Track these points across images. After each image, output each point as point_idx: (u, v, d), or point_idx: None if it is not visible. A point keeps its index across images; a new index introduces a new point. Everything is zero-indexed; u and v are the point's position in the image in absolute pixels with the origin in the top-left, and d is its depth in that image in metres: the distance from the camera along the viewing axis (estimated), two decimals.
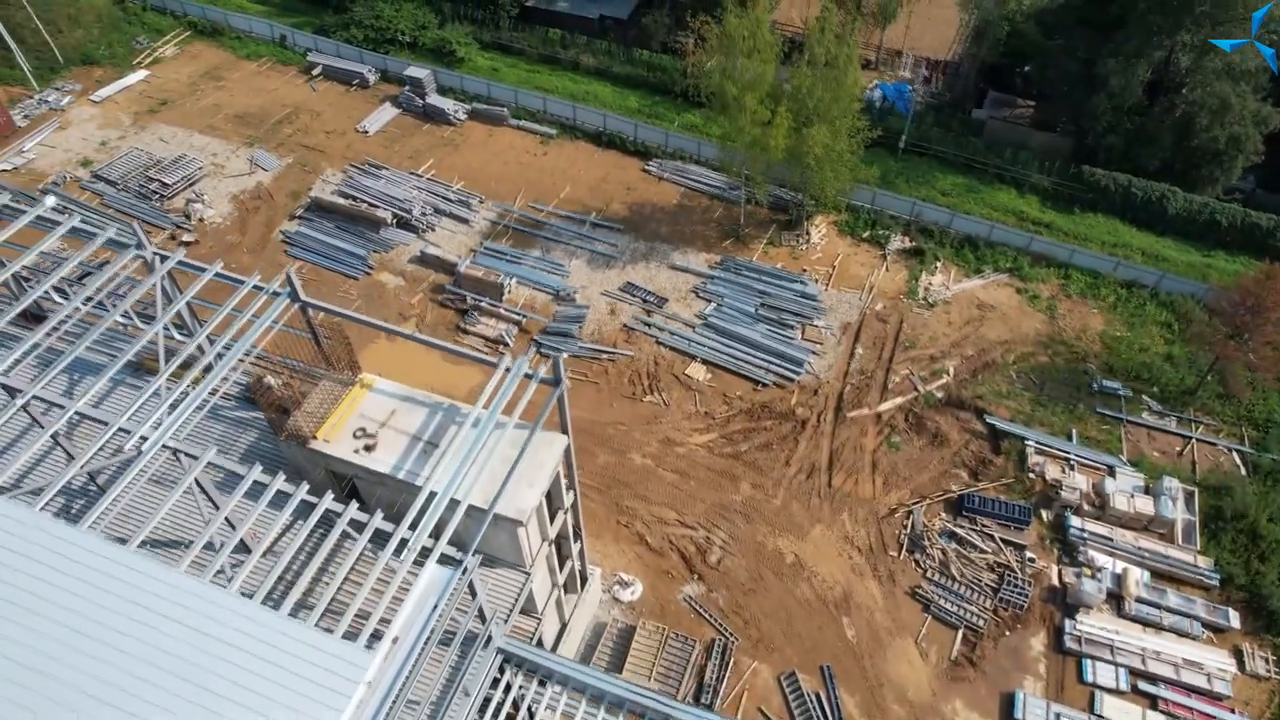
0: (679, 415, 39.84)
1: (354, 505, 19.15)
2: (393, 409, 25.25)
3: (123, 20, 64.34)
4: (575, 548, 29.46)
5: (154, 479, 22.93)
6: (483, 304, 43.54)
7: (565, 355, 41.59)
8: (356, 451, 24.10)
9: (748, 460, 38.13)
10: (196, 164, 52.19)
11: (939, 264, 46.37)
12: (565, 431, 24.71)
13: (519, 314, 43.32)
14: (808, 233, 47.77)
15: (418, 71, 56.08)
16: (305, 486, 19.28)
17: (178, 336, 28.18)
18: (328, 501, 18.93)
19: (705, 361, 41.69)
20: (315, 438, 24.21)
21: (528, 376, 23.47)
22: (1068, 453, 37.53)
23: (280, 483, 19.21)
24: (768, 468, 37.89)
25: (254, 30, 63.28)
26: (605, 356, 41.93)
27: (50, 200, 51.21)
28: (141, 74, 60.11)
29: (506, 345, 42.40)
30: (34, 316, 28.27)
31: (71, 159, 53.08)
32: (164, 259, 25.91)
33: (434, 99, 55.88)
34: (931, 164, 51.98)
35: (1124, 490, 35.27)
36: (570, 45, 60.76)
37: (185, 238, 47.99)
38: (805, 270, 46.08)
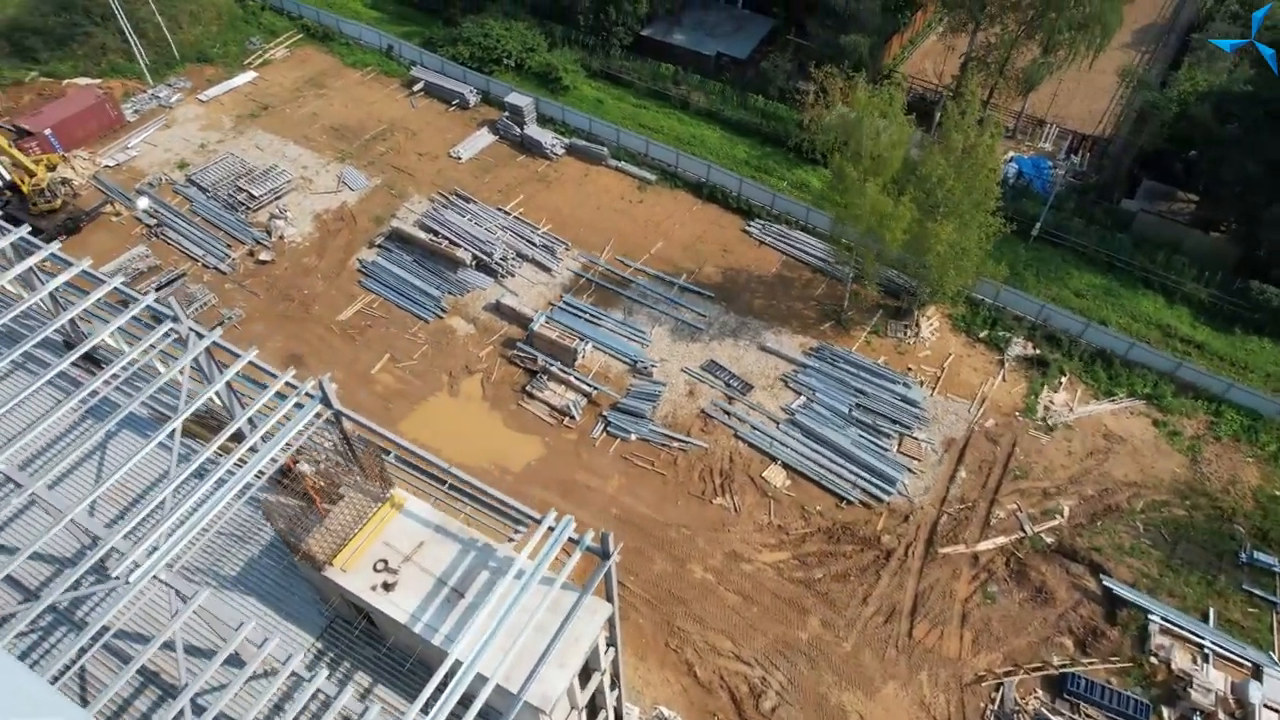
0: (750, 525, 35.90)
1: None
2: (421, 540, 22.25)
3: (241, 19, 64.12)
4: (611, 697, 26.12)
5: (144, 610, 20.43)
6: (553, 368, 40.51)
7: (633, 436, 38.54)
8: (374, 589, 21.22)
9: (820, 590, 33.91)
10: (285, 177, 50.97)
11: (1064, 379, 40.89)
12: (610, 599, 21.31)
13: (590, 384, 40.10)
14: (917, 324, 42.94)
15: (519, 99, 53.51)
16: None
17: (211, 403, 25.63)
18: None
19: (786, 465, 37.59)
20: (331, 565, 21.47)
21: (573, 541, 20.22)
22: (1202, 638, 31.93)
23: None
24: (842, 603, 33.59)
25: (363, 38, 62.03)
26: (676, 445, 38.29)
27: (143, 202, 51.07)
28: (250, 75, 59.56)
29: (573, 418, 39.25)
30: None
31: (170, 160, 52.64)
32: (200, 336, 23.52)
33: (532, 129, 53.22)
34: (1067, 257, 46.28)
35: (1275, 701, 29.56)
36: (682, 82, 57.20)
37: (263, 256, 46.64)
38: (910, 370, 41.32)
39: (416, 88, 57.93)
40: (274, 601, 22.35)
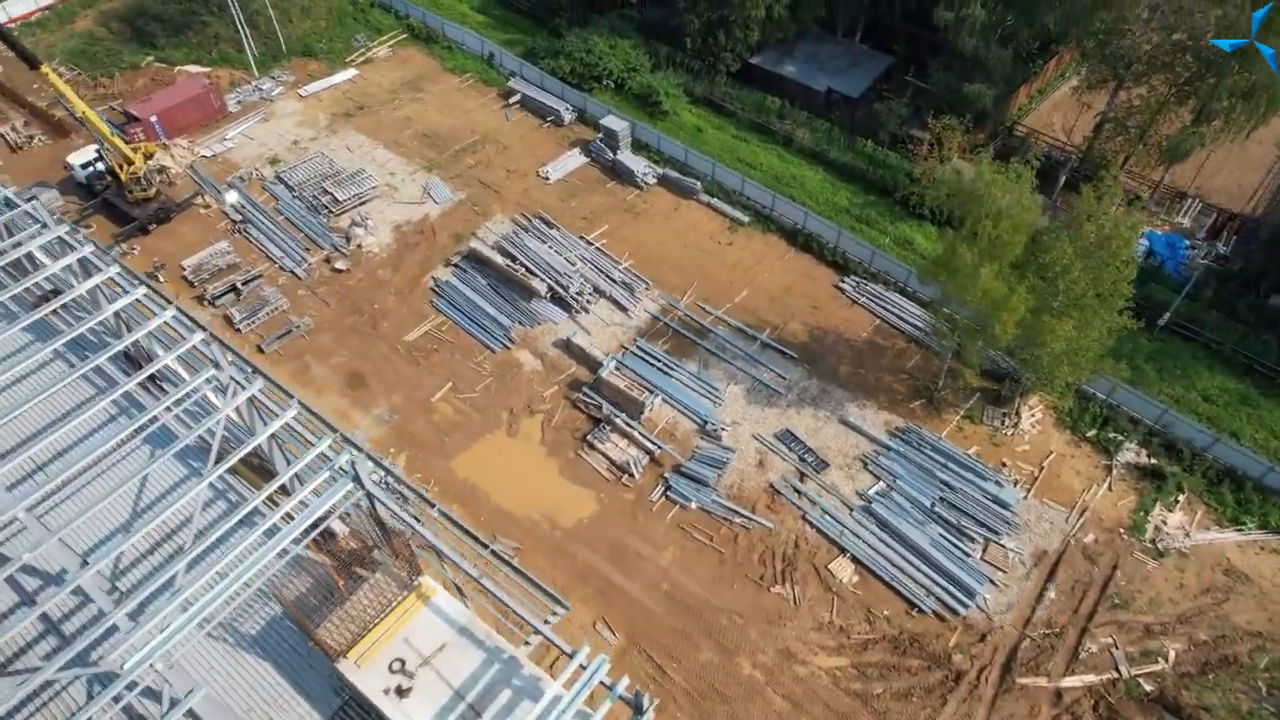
0: (808, 622, 32.98)
1: None
2: (443, 642, 20.37)
3: (350, 15, 64.03)
4: None
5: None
6: (618, 419, 38.32)
7: (694, 505, 36.01)
8: (387, 692, 19.48)
9: (878, 709, 30.77)
10: (371, 183, 50.20)
11: (1182, 498, 36.48)
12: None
13: (654, 442, 37.75)
14: (1017, 414, 39.07)
15: (615, 122, 51.44)
16: None
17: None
18: None
19: (855, 559, 34.48)
20: (345, 657, 19.78)
21: (605, 686, 17.96)
22: None
23: None
24: None
25: (465, 43, 61.04)
26: (739, 520, 35.61)
27: (232, 196, 51.00)
28: (350, 73, 59.27)
29: (632, 476, 36.99)
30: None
31: (263, 155, 52.59)
32: (241, 386, 22.12)
33: (625, 155, 51.10)
34: (1198, 354, 41.54)
35: None
36: (787, 116, 54.15)
37: (339, 264, 45.90)
38: (1004, 466, 37.54)
39: (513, 100, 56.54)
40: (290, 671, 20.82)
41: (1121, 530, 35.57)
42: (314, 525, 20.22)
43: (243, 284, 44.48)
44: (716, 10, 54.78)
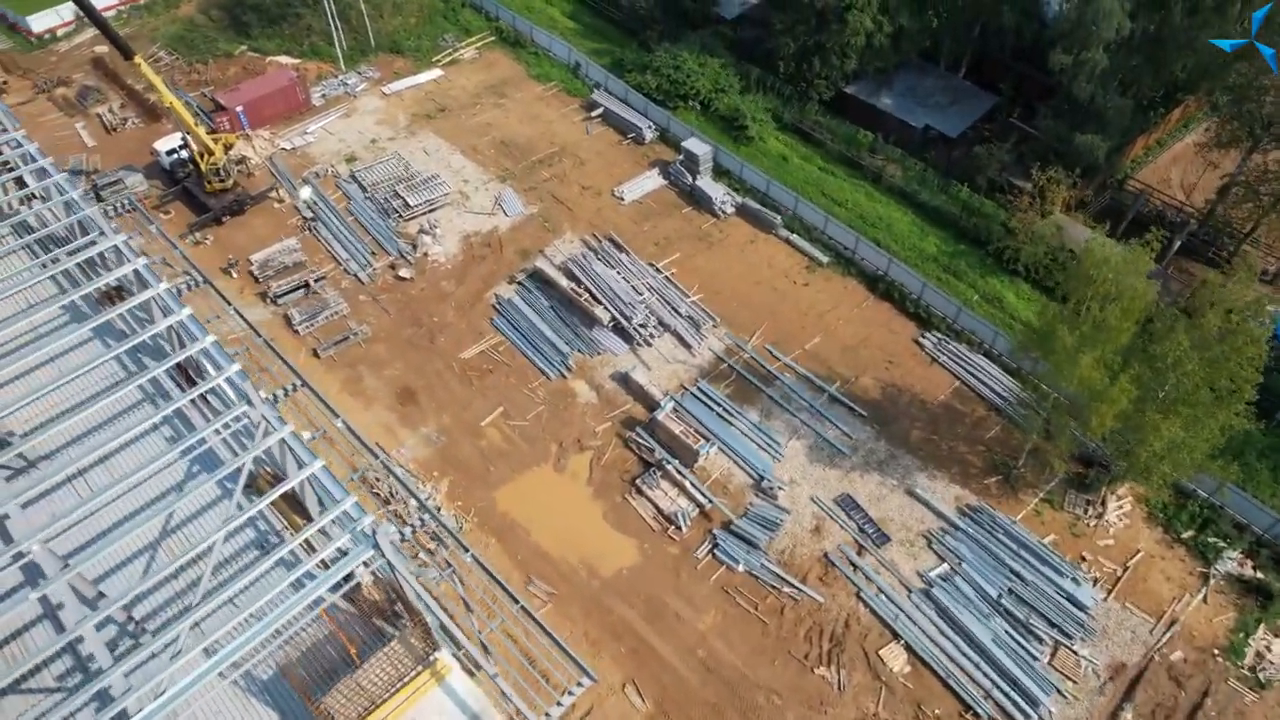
0: (852, 711, 30.58)
1: None
2: None
3: (441, 14, 63.58)
4: None
5: None
6: (669, 466, 36.46)
7: (741, 567, 33.91)
8: None
9: None
10: (444, 189, 49.37)
11: None
12: None
13: (706, 494, 35.76)
14: (1103, 503, 35.78)
15: (698, 146, 49.46)
16: None
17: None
18: None
19: (909, 647, 31.90)
20: None
21: None
22: None
23: None
24: None
25: (552, 50, 59.88)
26: (788, 590, 33.37)
27: (305, 192, 50.74)
28: (435, 73, 58.74)
29: (679, 529, 35.09)
30: None
31: (340, 152, 52.37)
32: (271, 428, 20.99)
33: (704, 181, 49.09)
34: None
35: None
36: (879, 152, 51.36)
37: (403, 272, 45.15)
38: (1084, 560, 34.36)
39: (595, 113, 55.11)
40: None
41: (1216, 651, 32.07)
42: (337, 584, 19.08)
43: (305, 284, 44.13)
44: (813, 35, 52.33)
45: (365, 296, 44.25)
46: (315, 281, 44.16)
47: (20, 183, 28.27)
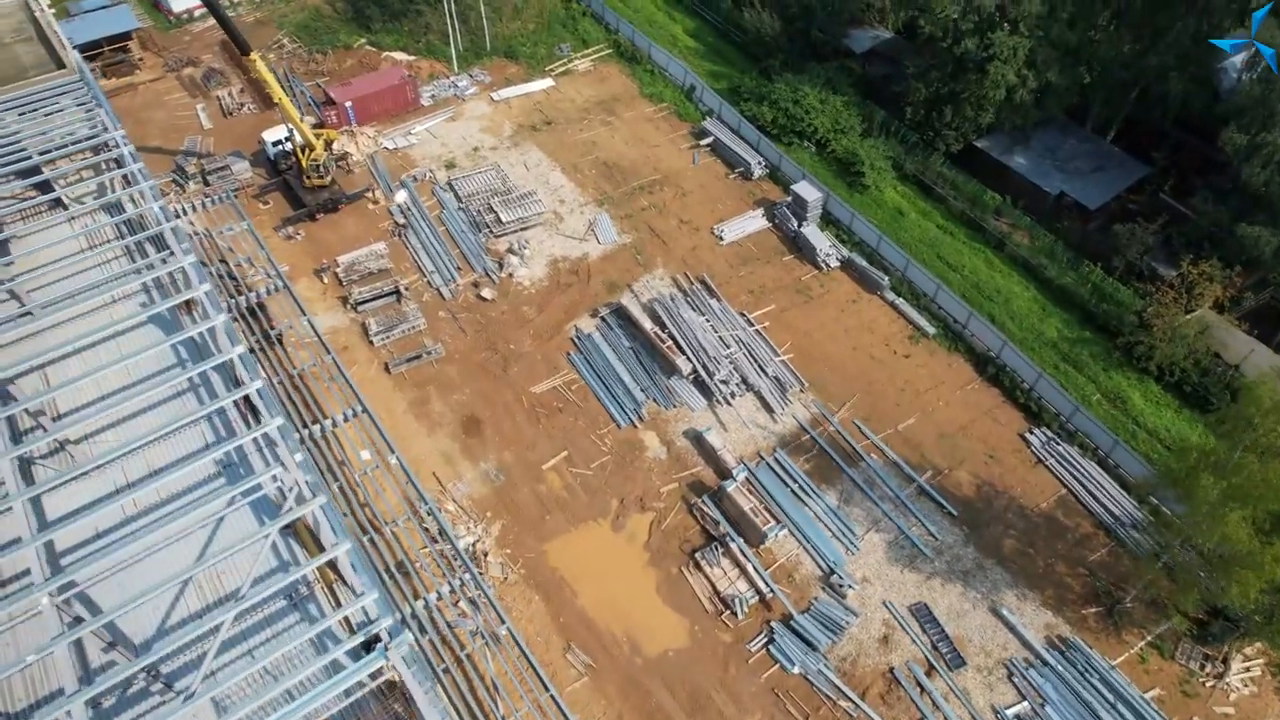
0: None
1: None
2: None
3: (561, 21, 62.24)
4: None
5: None
6: (733, 544, 33.94)
7: (796, 669, 31.15)
8: None
9: None
10: (539, 208, 47.89)
11: None
12: None
13: (767, 581, 33.08)
14: (1225, 660, 31.39)
15: (808, 191, 46.43)
16: None
17: None
18: None
19: None
20: None
21: None
22: None
23: None
24: None
25: (669, 70, 57.67)
26: (844, 704, 30.45)
27: (401, 196, 50.13)
28: (547, 83, 57.41)
29: (734, 615, 32.57)
30: None
31: (441, 157, 51.59)
32: (300, 500, 19.46)
33: (810, 230, 46.07)
34: None
35: None
36: (1005, 215, 47.26)
37: (485, 292, 43.88)
38: None
39: (704, 141, 52.68)
40: None
41: None
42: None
43: (387, 294, 43.39)
44: (948, 83, 48.52)
45: (444, 313, 43.19)
46: (403, 290, 43.33)
47: (123, 181, 27.78)
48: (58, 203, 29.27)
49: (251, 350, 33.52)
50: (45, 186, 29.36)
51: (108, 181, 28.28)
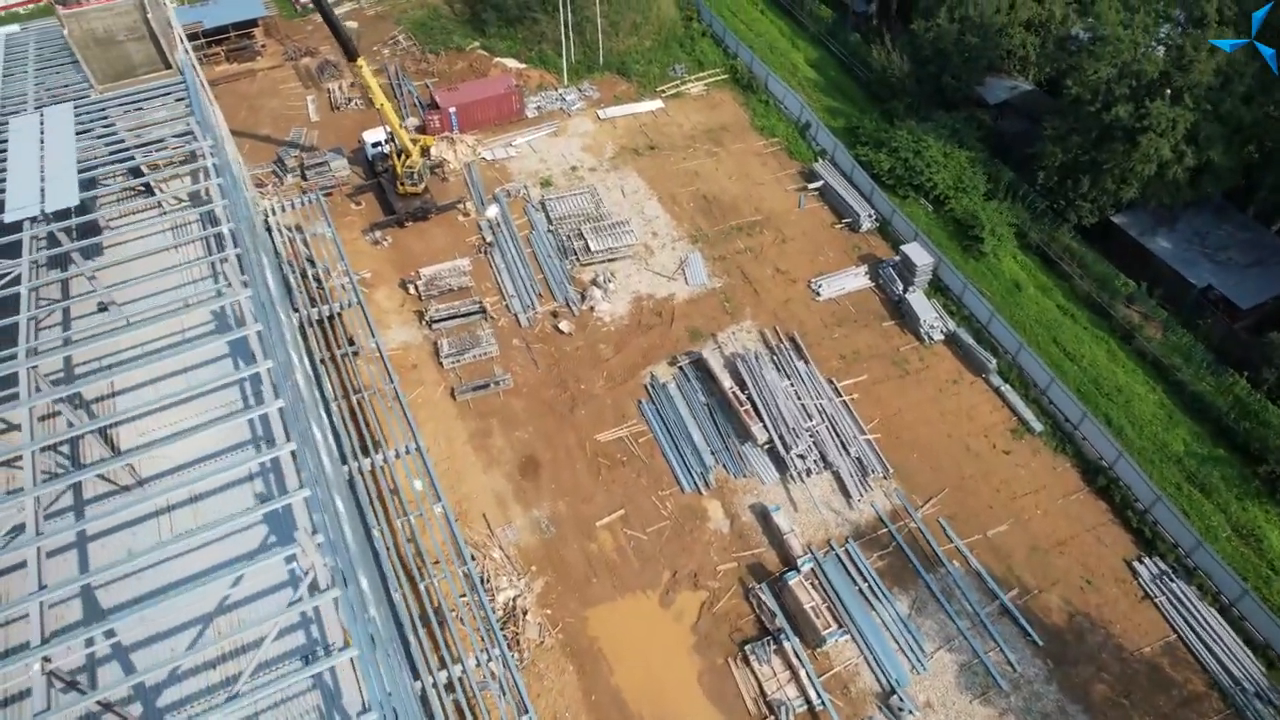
0: None
1: None
2: None
3: (678, 40, 60.11)
4: None
5: None
6: (787, 642, 31.19)
7: None
8: None
9: None
10: (629, 239, 45.89)
11: None
12: None
13: (820, 690, 30.20)
14: None
15: (919, 255, 42.92)
16: None
17: None
18: None
19: None
20: None
21: None
22: None
23: None
24: None
25: (785, 103, 54.73)
26: None
27: (492, 211, 49.07)
28: (655, 104, 55.38)
29: None
30: None
31: (538, 173, 50.22)
32: (314, 589, 17.89)
33: (916, 297, 42.56)
34: None
35: None
36: (1138, 304, 42.63)
37: (562, 325, 42.17)
38: None
39: (813, 185, 49.63)
40: None
41: None
42: None
43: (483, 309, 42.18)
44: (1090, 150, 44.15)
45: (519, 341, 41.71)
46: (487, 309, 42.11)
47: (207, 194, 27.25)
48: (150, 199, 29.48)
49: (322, 361, 33.05)
50: (144, 185, 29.60)
51: (201, 191, 27.84)
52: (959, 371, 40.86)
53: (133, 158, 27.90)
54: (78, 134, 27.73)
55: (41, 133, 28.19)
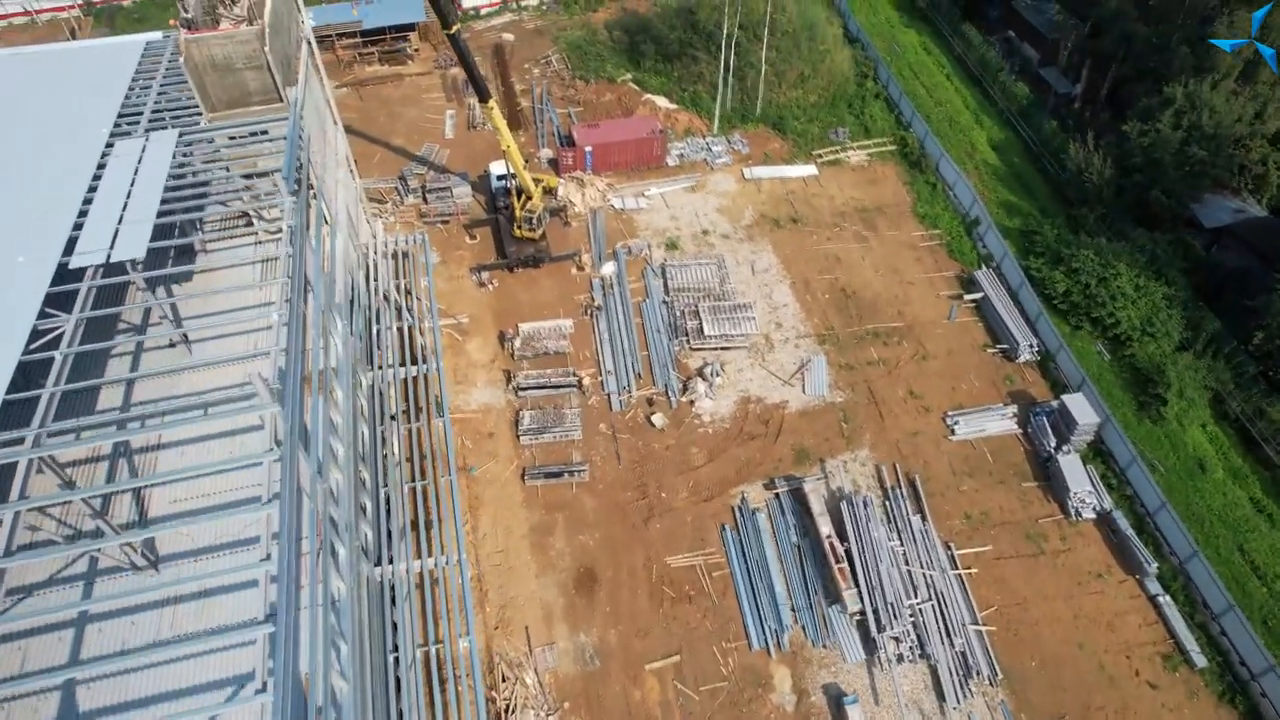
0: None
1: None
2: None
3: (847, 99, 54.53)
4: None
5: None
6: None
7: None
8: None
9: None
10: (750, 327, 41.24)
11: None
12: None
13: None
14: None
15: (1081, 410, 36.22)
16: None
17: None
18: None
19: None
20: None
21: None
22: None
23: None
24: None
25: (955, 190, 48.41)
26: None
27: (609, 269, 45.61)
28: (809, 170, 50.29)
29: None
30: None
31: (665, 232, 46.31)
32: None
33: (1069, 460, 35.85)
34: None
35: None
36: None
37: (655, 418, 38.15)
38: None
39: (970, 296, 43.32)
40: None
41: None
42: None
43: (554, 385, 38.92)
44: None
45: (605, 427, 38.02)
46: (585, 385, 38.82)
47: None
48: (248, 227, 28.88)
49: (393, 417, 30.64)
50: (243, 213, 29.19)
51: (283, 252, 25.99)
52: (1107, 565, 34.03)
53: (228, 192, 27.24)
54: (179, 161, 26.80)
55: (139, 162, 27.08)
